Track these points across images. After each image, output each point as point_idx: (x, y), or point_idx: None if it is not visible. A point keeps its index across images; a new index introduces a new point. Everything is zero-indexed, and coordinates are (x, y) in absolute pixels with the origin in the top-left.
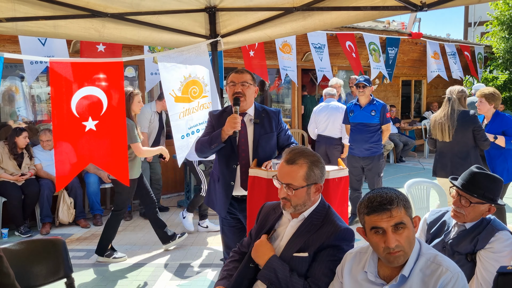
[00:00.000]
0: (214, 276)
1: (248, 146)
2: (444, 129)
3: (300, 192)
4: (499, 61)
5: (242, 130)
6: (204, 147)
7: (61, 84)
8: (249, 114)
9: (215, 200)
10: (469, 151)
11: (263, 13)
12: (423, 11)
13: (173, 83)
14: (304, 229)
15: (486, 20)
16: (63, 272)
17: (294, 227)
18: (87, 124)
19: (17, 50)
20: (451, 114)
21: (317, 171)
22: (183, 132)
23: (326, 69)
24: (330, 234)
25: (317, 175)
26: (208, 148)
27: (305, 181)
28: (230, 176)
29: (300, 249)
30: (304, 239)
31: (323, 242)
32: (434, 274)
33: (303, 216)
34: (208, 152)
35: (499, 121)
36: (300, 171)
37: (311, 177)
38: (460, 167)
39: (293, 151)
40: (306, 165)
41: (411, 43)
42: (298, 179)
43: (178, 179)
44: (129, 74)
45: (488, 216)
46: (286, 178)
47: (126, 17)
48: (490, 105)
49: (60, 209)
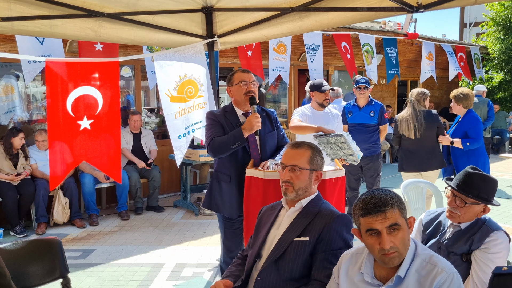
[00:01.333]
0: (210, 276)
1: (257, 145)
2: (410, 127)
3: (304, 175)
4: (495, 62)
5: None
6: (223, 146)
7: (57, 83)
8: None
9: (221, 203)
10: (434, 147)
11: (260, 13)
12: (419, 12)
13: (168, 83)
14: (302, 216)
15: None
16: (59, 272)
17: (291, 216)
18: (82, 123)
19: (13, 50)
20: (414, 114)
21: (319, 159)
22: (180, 132)
23: (317, 70)
24: (329, 219)
25: (319, 162)
26: (228, 147)
27: (309, 164)
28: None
29: (300, 234)
30: (304, 225)
31: (323, 229)
32: (429, 274)
33: (300, 204)
34: (228, 151)
35: (465, 121)
36: (305, 154)
37: (314, 162)
38: (427, 161)
39: (297, 141)
40: (310, 150)
41: (407, 44)
42: (303, 162)
43: (175, 179)
44: (125, 74)
45: (483, 216)
46: (291, 160)
47: (122, 17)
48: (459, 105)
49: (55, 209)
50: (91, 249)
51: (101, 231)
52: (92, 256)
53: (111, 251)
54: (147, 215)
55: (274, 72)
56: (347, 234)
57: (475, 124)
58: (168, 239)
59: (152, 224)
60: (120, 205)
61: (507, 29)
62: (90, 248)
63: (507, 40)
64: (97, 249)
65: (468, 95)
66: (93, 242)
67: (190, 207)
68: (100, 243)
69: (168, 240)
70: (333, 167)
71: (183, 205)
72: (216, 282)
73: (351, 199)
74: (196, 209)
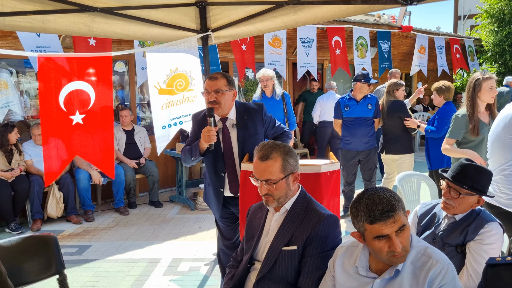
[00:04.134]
0: (207, 270)
1: (233, 152)
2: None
3: (281, 185)
4: (489, 54)
5: (226, 137)
6: (186, 157)
7: (49, 79)
8: (231, 118)
9: (210, 201)
10: (397, 134)
11: (253, 7)
12: (413, 5)
13: (158, 76)
14: (289, 221)
15: (475, 13)
16: (55, 269)
17: (278, 221)
18: (74, 118)
19: (6, 45)
20: (383, 104)
21: (291, 161)
22: (164, 123)
23: (311, 64)
24: (315, 223)
25: (292, 164)
26: (189, 159)
27: (282, 172)
28: (219, 183)
29: (288, 242)
30: (291, 232)
31: (310, 233)
32: (424, 266)
33: (285, 209)
34: (192, 162)
35: (439, 111)
36: (275, 165)
37: (287, 167)
38: (389, 146)
39: (264, 147)
40: (280, 158)
41: (402, 37)
42: (276, 173)
43: (170, 174)
44: (119, 69)
45: (477, 207)
46: (264, 174)
47: (115, 11)
48: (440, 97)
49: (49, 203)
50: (87, 245)
51: (97, 227)
52: (88, 252)
53: (107, 246)
54: (143, 211)
55: (270, 66)
56: (334, 236)
57: (443, 115)
58: (164, 234)
59: (148, 219)
60: (118, 201)
61: (501, 21)
62: (86, 244)
63: (501, 33)
64: (93, 245)
65: (449, 88)
66: (89, 238)
67: (186, 202)
68: (96, 239)
69: (165, 235)
70: (328, 161)
71: (179, 200)
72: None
73: (347, 193)
74: (192, 204)
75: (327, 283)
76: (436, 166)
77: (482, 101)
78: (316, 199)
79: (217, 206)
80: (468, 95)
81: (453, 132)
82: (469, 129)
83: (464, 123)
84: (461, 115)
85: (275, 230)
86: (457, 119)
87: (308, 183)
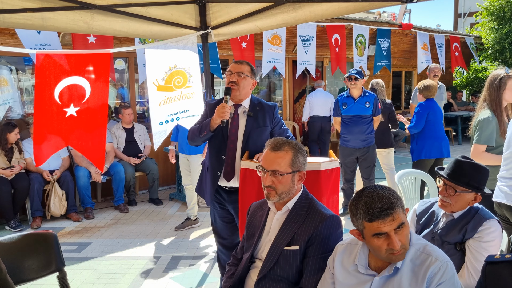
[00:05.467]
0: (206, 268)
1: (237, 138)
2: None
3: (286, 179)
4: (489, 52)
5: (234, 121)
6: (194, 135)
7: (46, 75)
8: (244, 106)
9: (205, 189)
10: (381, 130)
11: (253, 4)
12: (413, 3)
13: (157, 73)
14: (290, 220)
15: (476, 11)
16: (55, 266)
17: (280, 220)
18: (68, 110)
19: (5, 43)
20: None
21: (301, 159)
22: (161, 119)
23: (310, 62)
24: (318, 223)
25: (301, 162)
26: (197, 136)
27: (291, 167)
28: (218, 166)
29: (289, 242)
30: (292, 232)
31: (312, 234)
32: (423, 264)
33: (287, 208)
34: (198, 140)
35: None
36: (286, 157)
37: (296, 163)
38: (379, 141)
39: (277, 139)
40: (291, 152)
41: (402, 34)
42: (284, 166)
43: (170, 172)
44: (119, 66)
45: (475, 205)
46: (272, 165)
47: (115, 9)
48: (420, 95)
49: (52, 202)
50: (87, 242)
51: (96, 225)
52: (88, 249)
53: (107, 244)
54: (143, 208)
55: (269, 63)
56: (336, 237)
57: (421, 110)
58: (164, 232)
59: (148, 217)
60: (117, 198)
61: (501, 19)
62: (86, 241)
63: (501, 30)
64: (93, 242)
65: (428, 87)
66: (89, 235)
67: (185, 199)
68: (96, 237)
69: (164, 233)
70: (327, 158)
71: (179, 197)
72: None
73: (346, 190)
74: None
75: (326, 281)
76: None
77: (506, 101)
78: (316, 197)
79: (211, 192)
80: (491, 95)
81: (486, 138)
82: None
83: (495, 126)
84: (490, 117)
85: (277, 229)
86: (487, 122)
87: (308, 181)
